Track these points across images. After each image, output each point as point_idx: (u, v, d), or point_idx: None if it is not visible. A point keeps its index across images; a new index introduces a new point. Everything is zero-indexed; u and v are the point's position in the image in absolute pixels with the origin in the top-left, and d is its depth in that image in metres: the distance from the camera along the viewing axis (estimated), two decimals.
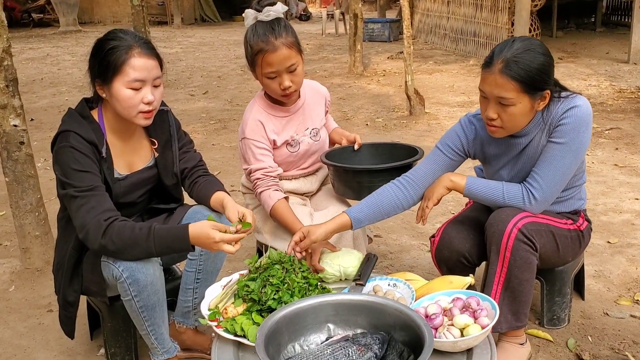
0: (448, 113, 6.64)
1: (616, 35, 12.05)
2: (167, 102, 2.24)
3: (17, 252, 3.38)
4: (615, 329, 2.51)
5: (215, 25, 19.29)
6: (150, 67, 2.02)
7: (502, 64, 1.98)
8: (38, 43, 14.71)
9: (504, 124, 2.06)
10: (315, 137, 2.58)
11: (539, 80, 1.99)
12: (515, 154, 2.21)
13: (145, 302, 2.03)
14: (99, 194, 1.98)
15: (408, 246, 3.40)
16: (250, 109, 2.49)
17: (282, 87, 2.33)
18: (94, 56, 2.04)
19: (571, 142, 2.06)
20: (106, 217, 1.93)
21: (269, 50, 2.26)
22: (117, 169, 2.15)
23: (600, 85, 7.69)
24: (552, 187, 2.10)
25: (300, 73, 2.36)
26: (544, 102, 2.06)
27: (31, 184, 3.16)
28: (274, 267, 2.04)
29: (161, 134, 2.26)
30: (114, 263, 1.97)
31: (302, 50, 2.38)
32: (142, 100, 2.02)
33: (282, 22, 2.31)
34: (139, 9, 7.89)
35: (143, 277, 1.98)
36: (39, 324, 2.74)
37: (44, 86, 9.09)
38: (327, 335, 1.89)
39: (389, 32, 13.40)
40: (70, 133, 2.01)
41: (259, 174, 2.42)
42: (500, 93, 1.99)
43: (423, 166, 2.31)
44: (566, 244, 2.26)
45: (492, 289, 2.15)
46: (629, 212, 3.74)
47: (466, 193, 2.20)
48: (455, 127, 2.31)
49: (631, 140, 5.34)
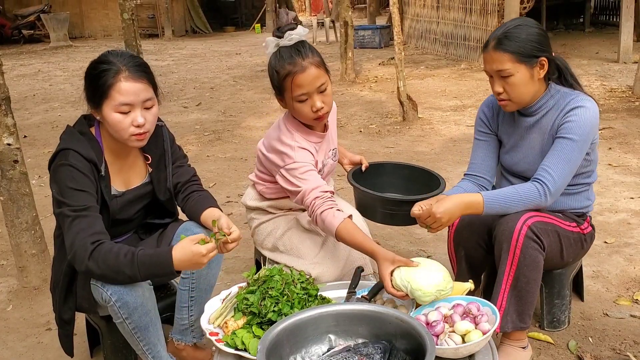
0: (441, 117, 6.66)
1: (605, 35, 12.13)
2: (161, 114, 2.23)
3: (13, 271, 3.36)
4: (615, 330, 2.51)
5: (207, 37, 19.32)
6: (139, 90, 2.00)
7: (494, 41, 2.19)
8: (29, 59, 14.69)
9: (510, 95, 2.21)
10: (335, 158, 2.56)
11: (530, 48, 2.16)
12: (523, 133, 2.33)
13: (137, 324, 2.02)
14: (92, 215, 1.97)
15: (406, 252, 3.40)
16: (289, 137, 2.33)
17: (314, 109, 2.24)
18: (86, 80, 2.05)
19: (580, 140, 2.17)
20: (94, 240, 1.92)
21: (297, 71, 2.19)
22: (114, 186, 2.15)
23: (591, 85, 7.73)
24: (562, 180, 2.19)
25: (330, 93, 2.29)
26: (543, 69, 2.20)
27: (26, 202, 3.15)
28: (272, 279, 2.03)
29: (155, 149, 2.26)
30: (102, 287, 1.96)
31: (328, 70, 2.31)
32: (132, 124, 2.01)
33: (307, 44, 2.26)
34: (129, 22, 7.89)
35: (132, 299, 1.97)
36: (38, 343, 2.72)
37: (36, 102, 9.07)
38: (329, 346, 1.88)
39: (379, 39, 13.45)
40: (70, 151, 2.00)
41: (316, 192, 2.23)
42: (498, 67, 2.18)
43: (475, 160, 2.49)
44: (569, 245, 2.27)
45: (501, 288, 2.16)
46: (624, 212, 3.76)
47: (486, 212, 2.17)
48: (478, 112, 2.51)
49: (624, 139, 5.37)
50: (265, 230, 2.55)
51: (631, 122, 5.90)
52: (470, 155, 2.54)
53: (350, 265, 2.44)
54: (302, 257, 2.41)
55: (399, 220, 2.61)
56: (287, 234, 2.49)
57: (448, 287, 1.98)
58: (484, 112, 2.47)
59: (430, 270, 1.99)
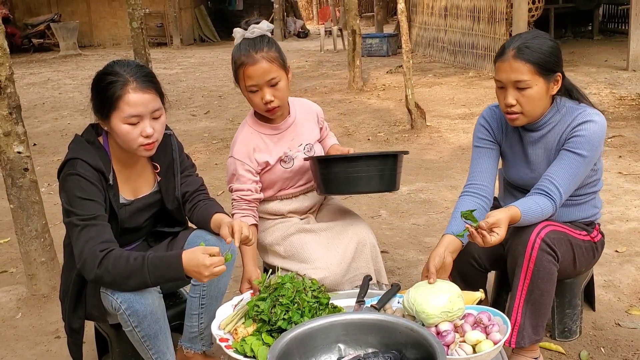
0: (449, 126, 6.65)
1: (614, 43, 12.09)
2: (169, 123, 2.25)
3: (23, 279, 3.37)
4: (627, 340, 2.48)
5: (214, 45, 19.41)
6: (147, 101, 2.01)
7: (515, 50, 2.11)
8: (39, 68, 14.80)
9: (524, 109, 2.15)
10: (309, 153, 2.58)
11: (551, 62, 2.11)
12: (527, 147, 2.28)
13: (146, 332, 2.02)
14: (100, 224, 1.99)
15: (415, 261, 3.38)
16: (241, 129, 2.54)
17: (264, 101, 2.36)
18: (93, 91, 2.06)
19: (590, 155, 2.14)
20: (103, 247, 1.93)
21: (249, 63, 2.32)
22: (123, 195, 2.16)
23: (601, 93, 7.70)
24: (567, 195, 2.17)
25: (283, 88, 2.38)
26: (557, 85, 2.17)
27: (36, 210, 3.16)
28: (283, 286, 2.03)
29: (164, 158, 2.27)
30: (112, 294, 1.97)
31: (286, 66, 2.40)
32: (141, 134, 2.03)
33: (266, 39, 2.38)
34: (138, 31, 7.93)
35: (142, 307, 1.97)
36: (47, 350, 2.72)
37: (45, 111, 9.13)
38: (338, 355, 1.87)
39: (387, 47, 13.46)
40: (78, 160, 2.02)
41: (236, 195, 2.47)
42: (517, 77, 2.10)
43: (477, 167, 2.37)
44: (581, 254, 2.25)
45: (515, 302, 2.13)
46: (635, 220, 3.73)
47: (523, 220, 2.10)
48: (479, 119, 2.44)
49: (634, 147, 5.34)
50: (266, 237, 2.56)
51: None
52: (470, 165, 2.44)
53: (354, 272, 2.43)
54: (304, 262, 2.40)
55: (365, 184, 2.38)
56: (288, 240, 2.50)
57: (455, 308, 1.93)
58: (487, 120, 2.39)
59: (436, 292, 1.96)
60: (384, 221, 4.04)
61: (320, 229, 2.52)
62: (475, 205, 2.29)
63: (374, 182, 2.39)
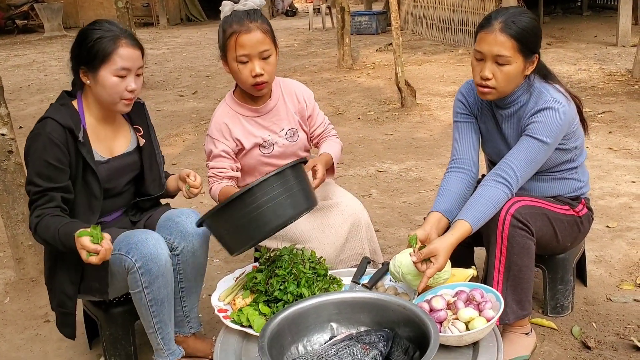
0: (439, 103, 6.62)
1: (603, 19, 12.06)
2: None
3: (10, 263, 3.33)
4: (619, 314, 2.49)
5: (202, 25, 19.19)
6: (136, 57, 2.13)
7: (502, 23, 2.07)
8: (23, 50, 14.58)
9: (498, 84, 2.13)
10: (292, 138, 2.49)
11: (532, 41, 2.10)
12: (500, 124, 2.29)
13: (155, 295, 2.05)
14: (49, 194, 2.05)
15: (406, 239, 3.36)
16: (218, 108, 2.47)
17: (253, 74, 2.26)
18: (80, 44, 2.11)
19: (550, 142, 2.13)
20: (38, 213, 2.04)
21: (243, 31, 2.22)
22: (98, 152, 2.19)
23: (590, 69, 7.68)
24: (523, 179, 2.16)
25: (273, 63, 2.31)
26: (532, 66, 2.15)
27: (22, 193, 3.11)
28: (281, 258, 2.07)
29: (142, 124, 2.35)
30: (126, 254, 2.01)
31: (276, 43, 2.34)
32: (126, 88, 2.11)
33: (259, 12, 2.30)
34: (123, 11, 7.81)
35: (155, 267, 2.02)
36: (36, 335, 2.69)
37: (31, 93, 9.00)
38: (331, 334, 1.86)
39: (376, 25, 13.35)
40: (48, 119, 2.08)
41: (212, 172, 2.40)
42: (499, 51, 2.07)
43: (458, 142, 2.36)
44: (563, 228, 2.24)
45: (494, 279, 2.13)
46: (626, 196, 3.73)
47: (475, 229, 2.07)
48: (457, 95, 2.42)
49: (624, 123, 5.34)
50: None
51: (631, 106, 5.87)
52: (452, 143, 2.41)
53: (348, 252, 2.41)
54: (297, 243, 2.38)
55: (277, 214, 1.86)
56: None
57: (442, 271, 1.94)
58: (464, 95, 2.38)
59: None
60: (374, 200, 4.02)
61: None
62: (460, 181, 2.27)
63: (287, 207, 1.88)
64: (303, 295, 1.96)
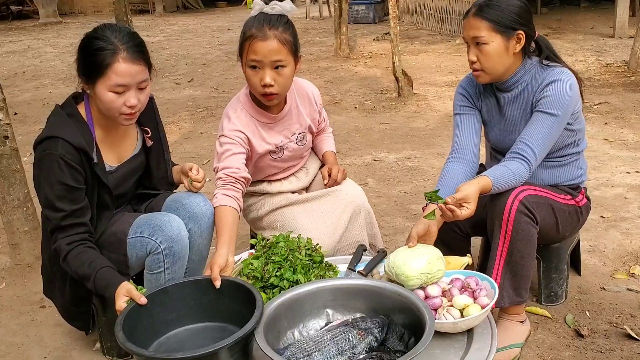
0: (436, 93, 6.61)
1: (600, 10, 12.05)
2: (153, 91, 2.20)
3: (6, 249, 3.33)
4: (612, 303, 2.51)
5: (198, 12, 19.08)
6: (135, 72, 1.97)
7: (475, 8, 2.19)
8: (18, 36, 14.47)
9: (483, 65, 2.20)
10: (301, 142, 2.49)
11: (509, 19, 2.15)
12: (503, 109, 2.31)
13: (174, 275, 2.09)
14: (75, 218, 2.02)
15: (402, 228, 3.38)
16: (234, 108, 2.36)
17: (262, 83, 2.19)
18: (81, 52, 2.01)
19: (561, 114, 2.15)
20: (70, 241, 2.00)
21: (258, 37, 2.15)
22: (108, 162, 2.14)
23: (587, 60, 7.69)
24: (542, 155, 2.19)
25: (286, 76, 2.21)
26: (519, 43, 2.18)
27: (17, 178, 3.10)
28: (277, 245, 2.08)
29: (151, 122, 2.27)
30: (149, 237, 2.03)
31: (297, 54, 2.24)
32: (125, 104, 1.99)
33: (285, 19, 2.21)
34: None
35: (180, 248, 2.06)
36: (32, 320, 2.70)
37: (26, 79, 8.94)
38: (326, 320, 1.87)
39: (373, 14, 13.30)
40: (59, 140, 1.96)
41: (222, 173, 2.25)
42: (474, 33, 2.18)
43: (459, 133, 2.39)
44: (564, 218, 2.26)
45: (495, 263, 2.14)
46: (620, 186, 3.75)
47: (494, 189, 2.10)
48: (457, 89, 2.46)
49: (620, 114, 5.35)
50: (257, 209, 2.53)
51: (627, 97, 5.88)
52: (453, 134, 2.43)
53: (348, 240, 2.42)
54: (295, 231, 2.38)
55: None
56: (279, 212, 2.47)
57: (435, 269, 1.91)
58: (465, 88, 2.43)
59: (415, 255, 1.94)
60: (371, 189, 4.03)
61: (313, 197, 2.49)
62: (460, 171, 2.30)
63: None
64: (299, 282, 1.97)
